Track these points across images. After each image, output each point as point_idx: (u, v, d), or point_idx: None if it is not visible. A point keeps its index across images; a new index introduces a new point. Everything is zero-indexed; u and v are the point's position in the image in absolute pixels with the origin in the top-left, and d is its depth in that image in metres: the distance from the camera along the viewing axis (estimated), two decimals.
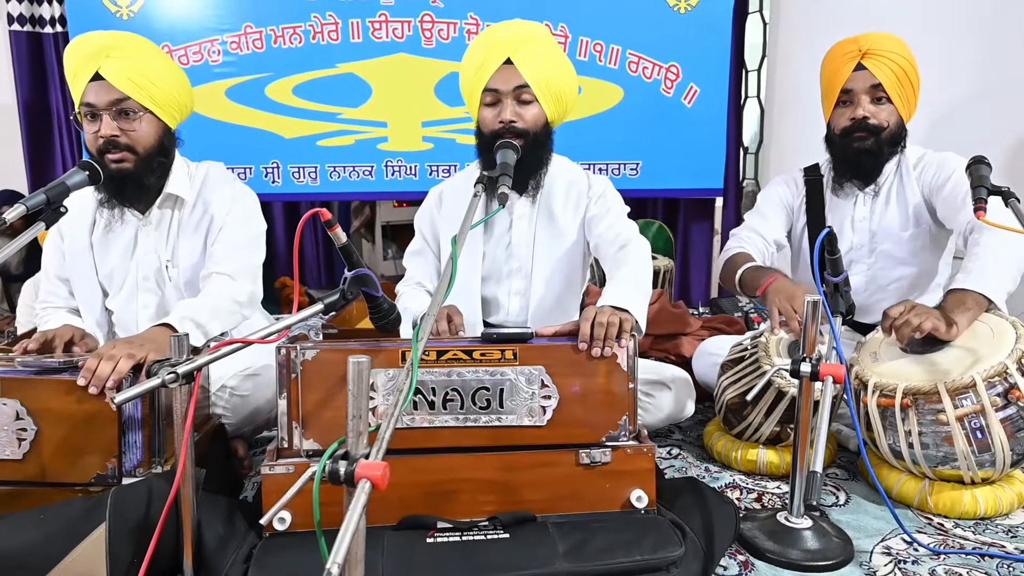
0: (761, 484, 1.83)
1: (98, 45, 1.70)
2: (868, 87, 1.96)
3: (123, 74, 1.69)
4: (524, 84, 1.81)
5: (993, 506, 1.63)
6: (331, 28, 3.53)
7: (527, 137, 1.82)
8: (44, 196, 1.46)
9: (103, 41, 1.71)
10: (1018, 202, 1.66)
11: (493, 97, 1.83)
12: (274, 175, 3.68)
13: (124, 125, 1.72)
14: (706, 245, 4.07)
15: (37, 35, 3.74)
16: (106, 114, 1.70)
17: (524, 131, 1.82)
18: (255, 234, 1.93)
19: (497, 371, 1.48)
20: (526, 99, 1.83)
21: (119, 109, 1.71)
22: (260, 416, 1.86)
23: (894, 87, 1.95)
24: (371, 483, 0.82)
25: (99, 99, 1.70)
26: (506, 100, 1.82)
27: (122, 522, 1.25)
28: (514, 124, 1.81)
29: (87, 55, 1.69)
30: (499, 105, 1.83)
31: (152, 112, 1.76)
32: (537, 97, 1.83)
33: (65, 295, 1.93)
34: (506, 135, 1.78)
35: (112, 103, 1.70)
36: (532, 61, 1.81)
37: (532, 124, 1.84)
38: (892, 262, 2.08)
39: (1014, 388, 1.55)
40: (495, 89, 1.82)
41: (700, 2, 3.54)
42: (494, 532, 1.41)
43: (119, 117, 1.72)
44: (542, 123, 1.86)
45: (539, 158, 1.91)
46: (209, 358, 1.18)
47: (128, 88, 1.70)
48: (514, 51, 1.80)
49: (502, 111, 1.81)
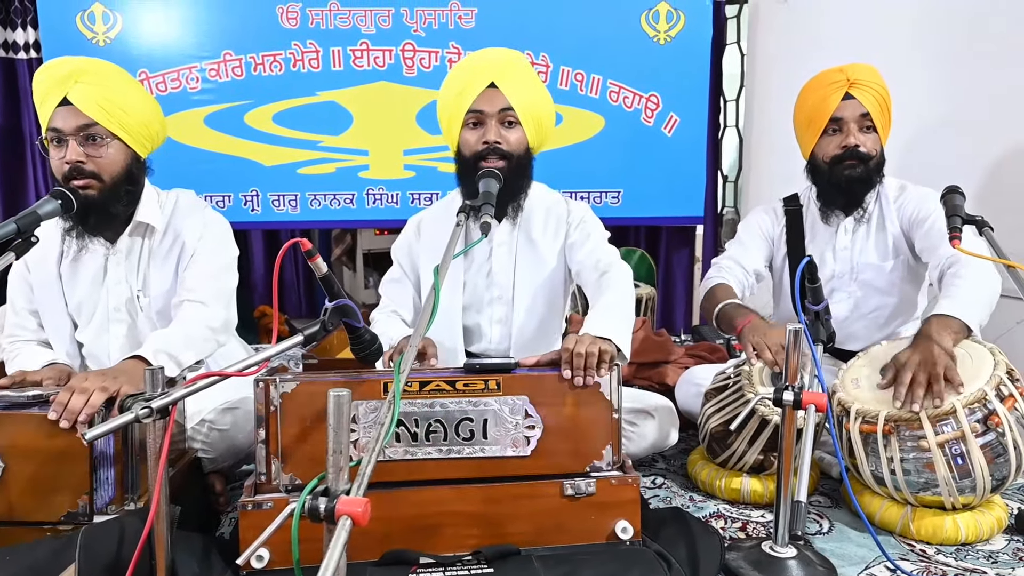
0: (745, 513, 1.82)
1: (68, 70, 1.67)
2: (857, 116, 2.00)
3: (91, 99, 1.67)
4: (509, 107, 1.82)
5: (974, 532, 1.63)
6: (312, 56, 3.55)
7: (511, 160, 1.83)
8: (14, 225, 1.43)
9: (73, 66, 1.68)
10: (991, 231, 1.70)
11: (477, 118, 1.84)
12: (254, 203, 3.66)
13: (91, 151, 1.69)
14: (687, 273, 4.11)
15: (11, 60, 3.71)
16: (72, 139, 1.67)
17: (508, 153, 1.83)
18: (227, 260, 1.90)
19: (480, 401, 1.46)
20: (510, 121, 1.84)
21: (86, 135, 1.68)
22: (240, 450, 1.81)
23: (879, 116, 2.00)
24: (352, 520, 0.81)
25: (66, 124, 1.67)
26: (490, 122, 1.82)
27: (92, 562, 1.21)
28: (499, 145, 1.81)
29: (56, 80, 1.67)
30: (482, 127, 1.83)
31: (120, 139, 1.73)
32: (520, 120, 1.84)
33: (34, 327, 1.88)
34: (490, 156, 1.79)
35: (79, 128, 1.67)
36: (515, 85, 1.83)
37: (515, 147, 1.85)
38: (873, 291, 2.10)
39: (993, 414, 1.57)
40: (480, 111, 1.83)
41: (679, 33, 3.63)
42: (478, 567, 1.39)
43: (86, 143, 1.68)
44: (524, 147, 1.88)
45: (520, 183, 1.92)
46: (184, 392, 1.15)
47: (96, 114, 1.67)
48: (498, 75, 1.81)
49: (486, 132, 1.82)
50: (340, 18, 3.52)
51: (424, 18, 3.53)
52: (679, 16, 3.60)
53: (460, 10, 3.53)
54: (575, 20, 3.57)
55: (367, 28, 3.53)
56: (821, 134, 2.04)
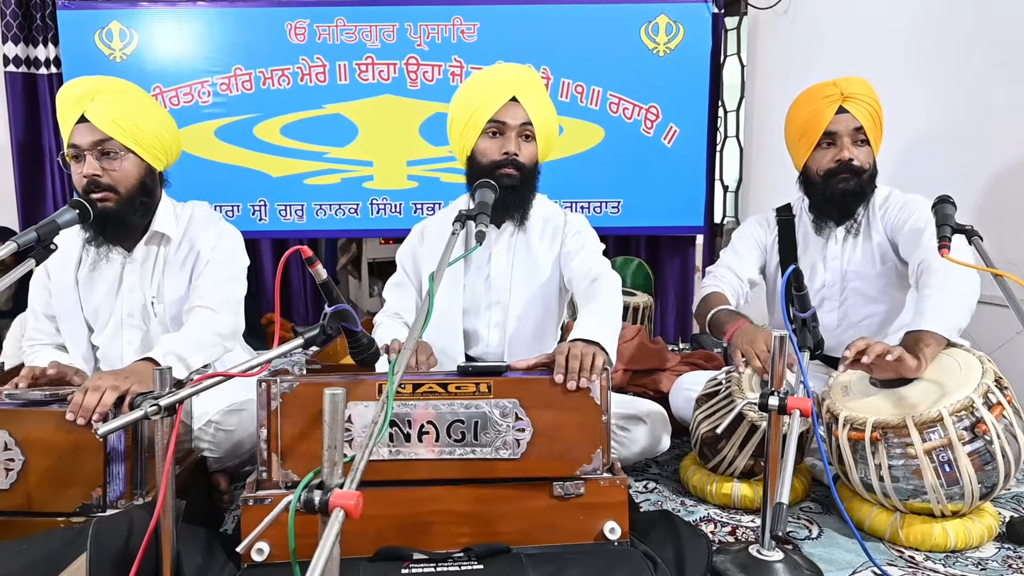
0: (735, 518, 1.85)
1: (85, 89, 1.76)
2: (851, 130, 2.01)
3: (106, 116, 1.75)
4: (529, 122, 1.90)
5: (963, 539, 1.64)
6: (319, 70, 3.63)
7: (523, 171, 1.92)
8: (35, 234, 1.51)
9: (90, 85, 1.77)
10: (981, 240, 1.73)
11: (498, 128, 1.91)
12: (261, 213, 3.73)
13: (106, 165, 1.77)
14: (686, 282, 4.12)
15: (32, 76, 3.81)
16: (89, 154, 1.75)
17: (522, 165, 1.91)
18: (238, 270, 1.98)
19: (472, 404, 1.49)
20: (528, 135, 1.92)
21: (101, 150, 1.76)
22: (243, 450, 1.87)
23: (871, 129, 2.02)
24: (345, 512, 0.84)
25: (83, 140, 1.75)
26: (511, 134, 1.90)
27: (102, 552, 1.27)
28: (516, 157, 1.90)
29: (74, 98, 1.75)
30: (502, 137, 1.91)
31: (134, 152, 1.80)
32: (535, 135, 1.92)
33: (52, 332, 1.95)
34: (507, 166, 1.88)
35: (95, 144, 1.75)
36: (534, 100, 1.92)
37: (528, 160, 1.93)
38: (863, 300, 2.13)
39: (980, 422, 1.58)
40: (502, 122, 1.90)
41: (679, 45, 3.66)
42: (468, 564, 1.42)
43: (102, 157, 1.76)
44: (535, 160, 1.96)
45: (529, 194, 2.00)
46: (191, 391, 1.21)
47: (110, 129, 1.75)
48: (520, 90, 1.90)
49: (506, 143, 1.90)
50: (346, 33, 3.59)
51: (427, 33, 3.60)
52: (678, 28, 3.64)
53: (463, 24, 3.60)
54: (575, 33, 3.62)
55: (372, 43, 3.60)
56: (815, 147, 2.06)
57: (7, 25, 3.73)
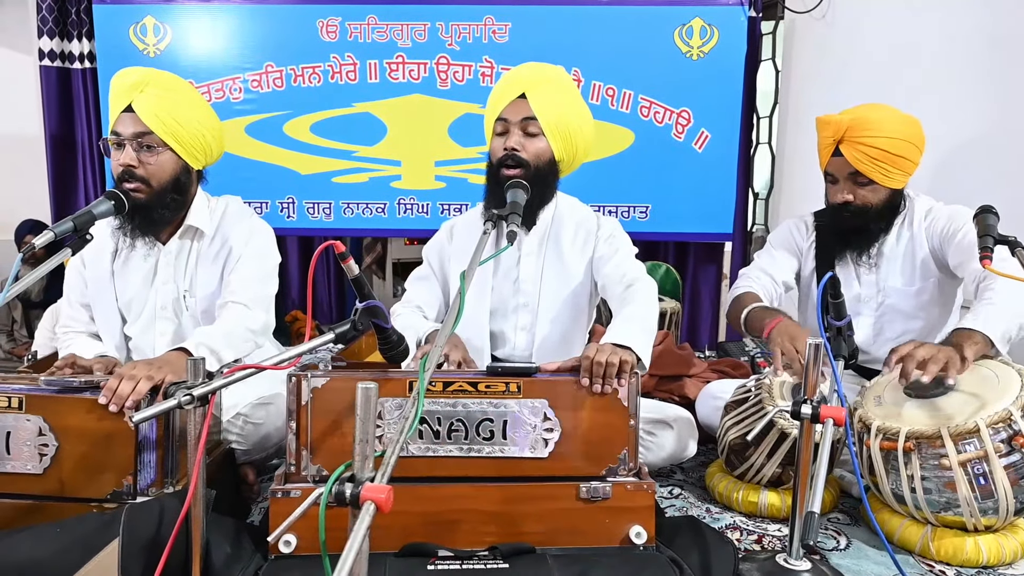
0: (762, 526, 1.83)
1: (136, 79, 1.79)
2: (846, 174, 1.99)
3: (151, 109, 1.77)
4: (532, 116, 1.87)
5: (996, 555, 1.61)
6: (349, 68, 3.65)
7: (527, 168, 1.86)
8: (71, 223, 1.53)
9: (141, 76, 1.80)
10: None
11: (503, 127, 1.91)
12: (289, 210, 3.76)
13: (144, 157, 1.79)
14: (714, 289, 4.10)
15: (66, 70, 3.88)
16: (129, 144, 1.78)
17: (525, 161, 1.87)
18: (270, 267, 1.98)
19: (501, 403, 1.50)
20: (532, 131, 1.88)
21: (141, 142, 1.79)
22: (271, 443, 1.89)
23: (873, 170, 1.95)
24: (375, 505, 0.84)
25: (125, 129, 1.78)
26: (513, 129, 1.88)
27: (134, 538, 1.29)
28: (516, 152, 1.86)
29: (125, 87, 1.79)
30: (507, 134, 1.90)
31: (172, 149, 1.82)
32: (544, 132, 1.88)
33: (86, 320, 1.98)
34: (508, 162, 1.85)
35: (136, 135, 1.78)
36: (544, 98, 1.88)
37: (534, 156, 1.88)
38: (899, 315, 2.09)
39: (1018, 435, 1.54)
40: (505, 119, 1.90)
41: (712, 49, 3.63)
42: (493, 562, 1.43)
43: (140, 149, 1.79)
44: (547, 158, 1.91)
45: (540, 193, 1.93)
46: (224, 382, 1.22)
47: (152, 123, 1.77)
48: (529, 87, 1.88)
49: (507, 139, 1.88)
50: (378, 32, 3.61)
51: (459, 32, 3.61)
52: (713, 32, 3.61)
53: (494, 24, 3.60)
54: (608, 35, 3.60)
55: (403, 42, 3.62)
56: (825, 180, 2.07)
57: (43, 20, 3.80)
